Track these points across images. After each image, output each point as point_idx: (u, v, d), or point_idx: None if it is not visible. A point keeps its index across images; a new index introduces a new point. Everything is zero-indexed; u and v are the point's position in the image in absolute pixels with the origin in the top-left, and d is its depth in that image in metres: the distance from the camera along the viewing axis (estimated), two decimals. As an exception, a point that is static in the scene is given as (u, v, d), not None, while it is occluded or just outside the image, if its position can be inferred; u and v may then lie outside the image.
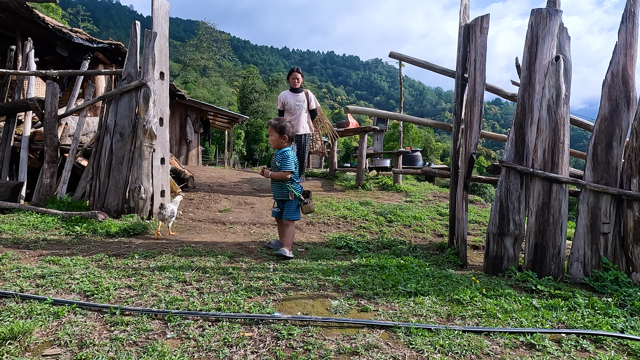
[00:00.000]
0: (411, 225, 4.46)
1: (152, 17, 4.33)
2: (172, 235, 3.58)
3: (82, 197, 4.60)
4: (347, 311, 1.98)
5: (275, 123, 3.15)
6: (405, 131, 42.95)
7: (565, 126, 2.90)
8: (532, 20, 3.00)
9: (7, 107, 5.19)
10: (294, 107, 5.92)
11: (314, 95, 6.24)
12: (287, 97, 5.97)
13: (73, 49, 7.53)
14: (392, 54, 4.22)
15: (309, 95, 6.16)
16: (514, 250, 2.92)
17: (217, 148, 32.94)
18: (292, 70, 6.14)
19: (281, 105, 5.98)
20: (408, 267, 2.79)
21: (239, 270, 2.54)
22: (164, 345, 1.53)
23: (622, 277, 2.67)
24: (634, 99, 2.85)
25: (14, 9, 6.33)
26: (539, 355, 1.63)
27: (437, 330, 1.78)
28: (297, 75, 6.04)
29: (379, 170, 9.09)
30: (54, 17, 20.14)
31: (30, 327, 1.58)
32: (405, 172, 5.52)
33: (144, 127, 4.08)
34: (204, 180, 6.73)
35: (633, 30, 2.88)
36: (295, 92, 6.02)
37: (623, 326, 1.99)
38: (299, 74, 6.07)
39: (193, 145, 15.33)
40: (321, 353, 1.54)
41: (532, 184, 2.91)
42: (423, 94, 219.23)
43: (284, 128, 3.11)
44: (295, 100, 5.93)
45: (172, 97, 10.63)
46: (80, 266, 2.46)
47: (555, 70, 2.92)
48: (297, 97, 5.96)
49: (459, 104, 3.56)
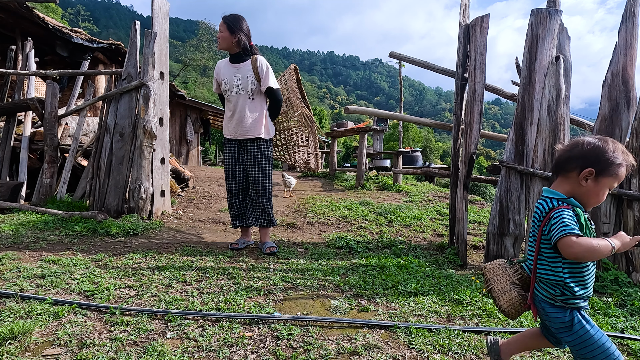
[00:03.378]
0: (411, 225, 4.46)
1: (152, 17, 4.33)
2: (291, 197, 5.03)
3: (82, 197, 4.60)
4: (347, 311, 1.98)
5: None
6: (405, 131, 42.95)
7: (565, 126, 2.90)
8: (532, 20, 3.00)
9: (7, 107, 5.19)
10: (229, 88, 3.11)
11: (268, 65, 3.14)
12: (220, 70, 3.19)
13: (73, 49, 7.53)
14: (392, 54, 4.22)
15: (259, 64, 3.08)
16: (514, 250, 2.92)
17: (217, 148, 32.93)
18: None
19: (215, 84, 3.27)
20: (408, 267, 2.79)
21: (239, 270, 2.54)
22: (164, 345, 1.53)
23: (622, 277, 2.67)
24: (634, 99, 2.85)
25: (14, 9, 6.34)
26: (539, 355, 1.63)
27: (437, 330, 1.78)
28: (220, 26, 3.08)
29: (379, 170, 9.09)
30: (54, 17, 20.13)
31: (30, 327, 1.58)
32: (405, 172, 5.52)
33: (144, 127, 4.08)
34: (204, 180, 6.73)
35: (633, 30, 2.88)
36: (233, 60, 3.14)
37: (623, 326, 1.99)
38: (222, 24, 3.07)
39: (193, 145, 15.33)
40: (321, 353, 1.54)
41: (532, 184, 2.91)
42: (423, 94, 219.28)
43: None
44: (232, 75, 3.10)
45: (172, 97, 10.63)
46: (80, 266, 2.46)
47: (555, 70, 2.92)
48: (237, 71, 3.10)
49: (459, 104, 3.56)
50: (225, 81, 3.13)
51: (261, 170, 3.17)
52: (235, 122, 3.12)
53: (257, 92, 3.12)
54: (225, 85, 3.13)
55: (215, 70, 3.25)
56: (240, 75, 3.09)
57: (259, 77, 3.08)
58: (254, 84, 3.09)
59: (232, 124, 3.14)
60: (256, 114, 3.13)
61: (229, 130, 3.17)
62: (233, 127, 3.14)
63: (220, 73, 3.18)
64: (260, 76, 3.08)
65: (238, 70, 3.10)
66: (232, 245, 3.22)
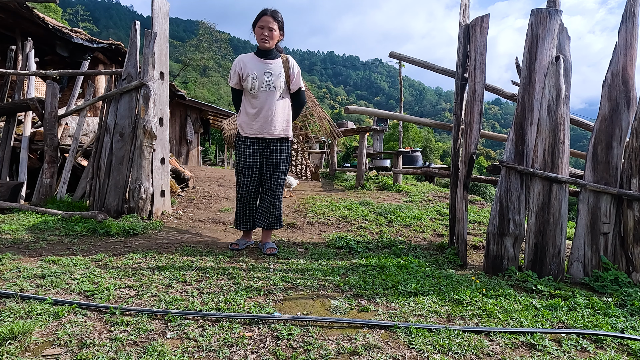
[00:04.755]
0: (411, 225, 4.46)
1: (152, 17, 4.33)
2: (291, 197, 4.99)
3: (82, 197, 4.60)
4: (347, 311, 1.98)
5: None
6: (405, 131, 42.94)
7: (565, 126, 2.90)
8: (532, 20, 3.00)
9: (7, 107, 5.19)
10: (258, 84, 2.94)
11: (298, 66, 3.13)
12: (246, 64, 2.98)
13: (73, 49, 7.54)
14: (392, 54, 4.22)
15: (291, 64, 3.06)
16: (514, 250, 2.92)
17: (217, 148, 32.92)
18: (262, 13, 2.95)
19: (236, 78, 3.00)
20: (408, 267, 2.79)
21: (239, 270, 2.54)
22: (164, 345, 1.53)
23: (622, 277, 2.67)
24: (634, 99, 2.85)
25: (14, 9, 6.34)
26: (539, 355, 1.63)
27: (437, 330, 1.78)
28: (269, 22, 2.90)
29: (379, 170, 9.10)
30: (54, 17, 20.14)
31: (30, 327, 1.57)
32: (405, 172, 5.52)
33: (144, 127, 4.08)
34: (204, 180, 6.73)
35: (633, 30, 2.88)
36: (264, 56, 3.00)
37: (623, 326, 1.99)
38: (271, 20, 2.91)
39: (193, 145, 15.34)
40: (321, 353, 1.54)
41: (532, 184, 2.91)
42: (423, 94, 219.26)
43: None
44: (262, 71, 2.96)
45: (172, 97, 10.63)
46: (80, 266, 2.46)
47: (555, 70, 2.92)
48: (267, 67, 2.97)
49: (459, 104, 3.56)
50: (254, 76, 2.94)
51: (281, 172, 3.07)
52: (263, 120, 2.97)
53: (286, 91, 3.08)
54: (253, 80, 2.94)
55: (236, 63, 3.01)
56: (272, 72, 2.97)
57: (289, 77, 3.05)
58: (284, 83, 3.03)
59: (258, 122, 2.98)
60: (286, 113, 3.07)
61: (251, 128, 3.00)
62: (259, 125, 2.98)
63: (247, 67, 2.97)
64: (291, 76, 3.06)
65: (269, 67, 2.98)
66: (232, 245, 3.17)
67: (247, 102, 3.04)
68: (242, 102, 3.07)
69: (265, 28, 2.92)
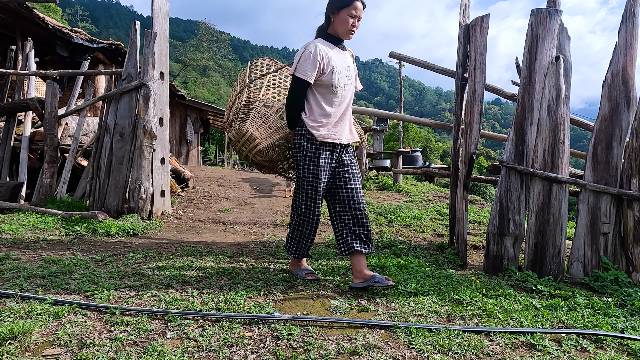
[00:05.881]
0: (411, 225, 4.46)
1: (152, 17, 4.33)
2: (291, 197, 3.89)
3: (82, 197, 4.60)
4: (347, 311, 1.98)
5: None
6: (405, 131, 42.93)
7: (565, 126, 2.90)
8: (532, 20, 3.00)
9: (7, 107, 5.19)
10: (341, 81, 2.39)
11: None
12: (329, 55, 2.35)
13: (73, 49, 7.54)
14: (392, 54, 4.22)
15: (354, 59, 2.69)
16: (514, 250, 2.92)
17: (217, 148, 32.91)
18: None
19: (316, 72, 2.30)
20: (408, 267, 2.79)
21: (239, 270, 2.54)
22: (164, 345, 1.53)
23: (622, 277, 2.67)
24: (634, 99, 2.85)
25: (14, 9, 6.34)
26: (539, 355, 1.63)
27: (437, 330, 1.78)
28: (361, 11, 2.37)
29: (379, 170, 9.10)
30: (54, 17, 20.12)
31: (30, 327, 1.57)
32: (405, 172, 5.52)
33: (144, 127, 4.08)
34: (204, 180, 6.74)
35: (633, 30, 2.88)
36: (340, 44, 2.47)
37: (623, 326, 1.99)
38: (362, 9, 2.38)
39: (193, 145, 15.34)
40: (321, 353, 1.54)
41: (532, 184, 2.91)
42: (423, 94, 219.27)
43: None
44: (343, 64, 2.43)
45: (172, 97, 10.63)
46: (80, 266, 2.46)
47: (555, 70, 2.92)
48: (345, 59, 2.48)
49: (459, 104, 3.56)
50: (339, 70, 2.36)
51: (360, 180, 2.56)
52: (342, 123, 2.45)
53: None
54: (337, 74, 2.34)
55: (317, 51, 2.30)
56: (349, 66, 2.48)
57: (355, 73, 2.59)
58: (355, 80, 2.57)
59: (338, 126, 2.43)
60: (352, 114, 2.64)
61: (327, 131, 2.37)
62: (339, 128, 2.43)
63: (331, 58, 2.34)
64: (356, 72, 2.60)
65: (346, 60, 2.47)
66: (308, 274, 2.51)
67: (324, 100, 2.38)
68: (309, 100, 2.40)
69: (357, 18, 2.38)
